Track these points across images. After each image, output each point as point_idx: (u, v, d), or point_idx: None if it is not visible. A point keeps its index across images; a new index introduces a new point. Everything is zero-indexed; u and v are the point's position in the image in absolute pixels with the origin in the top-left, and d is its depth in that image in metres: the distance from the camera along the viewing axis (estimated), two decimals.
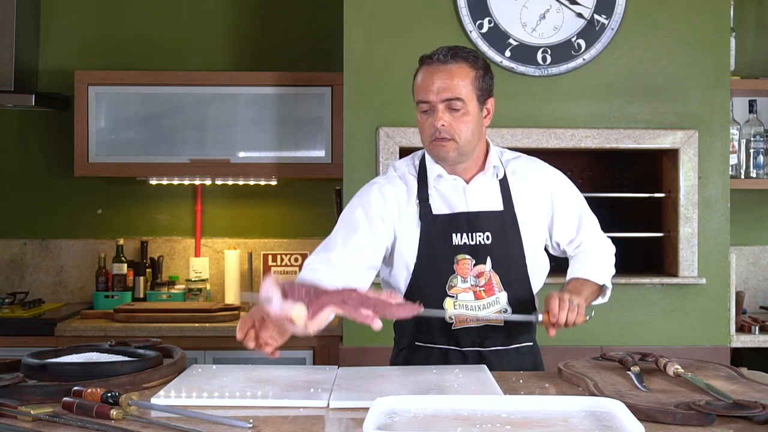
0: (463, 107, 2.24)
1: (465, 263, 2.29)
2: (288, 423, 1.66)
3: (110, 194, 4.25)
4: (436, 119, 2.23)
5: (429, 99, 2.24)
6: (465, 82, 2.25)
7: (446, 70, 2.25)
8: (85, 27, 4.25)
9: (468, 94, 2.24)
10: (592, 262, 2.40)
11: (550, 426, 1.51)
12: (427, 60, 2.30)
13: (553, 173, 2.43)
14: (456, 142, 2.25)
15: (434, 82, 2.24)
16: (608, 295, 2.44)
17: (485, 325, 2.31)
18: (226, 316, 3.78)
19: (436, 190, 2.34)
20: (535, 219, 2.36)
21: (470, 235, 2.29)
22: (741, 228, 4.06)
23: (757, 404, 1.62)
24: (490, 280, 2.29)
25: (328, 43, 4.12)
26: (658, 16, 3.56)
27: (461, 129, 2.25)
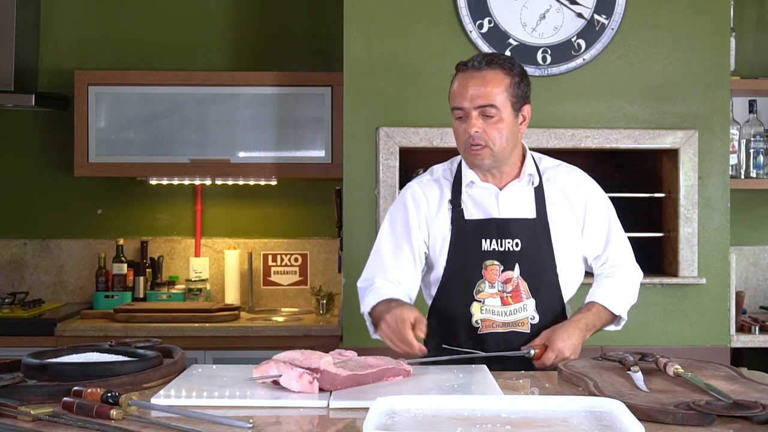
0: (497, 114, 2.25)
1: (493, 269, 2.30)
2: (288, 423, 1.66)
3: (110, 194, 4.25)
4: (470, 126, 2.24)
5: (463, 105, 2.25)
6: (499, 89, 2.25)
7: (480, 76, 2.25)
8: (85, 27, 4.25)
9: (502, 101, 2.25)
10: (615, 288, 2.40)
11: (550, 426, 1.50)
12: (463, 66, 2.30)
13: (589, 184, 2.45)
14: (490, 149, 2.26)
15: (468, 89, 2.25)
16: (622, 324, 2.44)
17: (511, 331, 2.32)
18: (226, 316, 3.78)
19: (469, 195, 2.36)
20: (569, 228, 2.37)
21: (499, 241, 2.31)
22: (741, 228, 4.06)
23: (757, 404, 1.62)
24: (517, 287, 2.31)
25: (328, 43, 4.12)
26: (658, 16, 3.56)
27: (495, 136, 2.26)
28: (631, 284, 2.45)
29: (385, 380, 1.95)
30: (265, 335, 3.67)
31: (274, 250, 4.25)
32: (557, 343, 2.21)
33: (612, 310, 2.36)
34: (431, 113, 3.51)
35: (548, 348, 2.22)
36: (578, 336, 2.26)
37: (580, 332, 2.27)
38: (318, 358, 1.85)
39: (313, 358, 1.85)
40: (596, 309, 2.35)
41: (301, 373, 1.82)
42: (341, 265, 3.76)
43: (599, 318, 2.35)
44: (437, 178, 2.42)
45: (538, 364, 2.23)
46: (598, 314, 2.35)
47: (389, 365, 1.96)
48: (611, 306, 2.36)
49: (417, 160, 3.74)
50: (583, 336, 2.28)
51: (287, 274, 4.23)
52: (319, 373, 1.82)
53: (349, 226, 3.54)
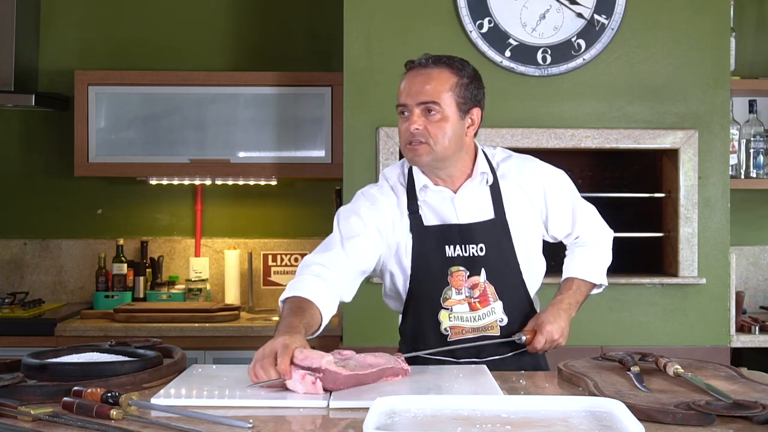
0: (440, 111, 2.20)
1: (459, 275, 2.27)
2: (288, 423, 1.66)
3: (110, 194, 4.25)
4: (411, 122, 2.20)
5: (406, 102, 2.22)
6: (443, 87, 2.21)
7: (425, 74, 2.23)
8: (85, 27, 4.25)
9: (446, 100, 2.21)
10: (588, 257, 2.41)
11: (550, 426, 1.50)
12: (410, 64, 2.29)
13: (544, 171, 2.39)
14: (430, 146, 2.21)
15: (412, 86, 2.22)
16: (602, 288, 2.46)
17: (481, 336, 2.30)
18: (226, 316, 3.78)
19: (424, 201, 2.31)
20: (528, 222, 2.34)
21: (464, 247, 2.27)
22: (741, 228, 4.06)
23: (757, 404, 1.62)
24: (484, 291, 2.28)
25: (328, 43, 4.12)
26: (658, 16, 3.56)
27: (437, 134, 2.20)
28: (603, 248, 2.46)
29: (384, 380, 1.95)
30: (265, 335, 3.66)
31: (274, 250, 4.25)
32: (545, 326, 2.25)
33: (592, 281, 2.39)
34: None
35: (537, 333, 2.25)
36: (564, 317, 2.29)
37: (566, 313, 2.30)
38: (318, 357, 1.85)
39: (314, 358, 1.84)
40: (576, 284, 2.38)
41: (303, 374, 1.82)
42: None
43: (580, 292, 2.38)
44: (393, 185, 2.35)
45: (530, 349, 2.27)
46: (579, 289, 2.37)
47: (388, 364, 1.96)
48: (589, 277, 2.39)
49: None
50: (569, 316, 2.31)
51: (287, 274, 4.23)
52: (322, 372, 1.81)
53: None
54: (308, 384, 1.80)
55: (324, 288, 2.15)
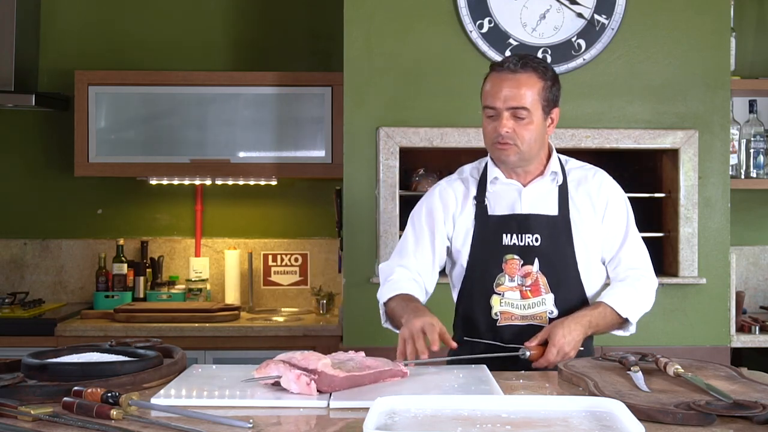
0: (528, 116, 2.31)
1: (513, 263, 2.36)
2: (288, 423, 1.66)
3: (110, 194, 4.25)
4: (501, 125, 2.30)
5: (495, 105, 2.30)
6: (532, 92, 2.31)
7: (515, 78, 2.31)
8: (85, 27, 4.25)
9: (533, 104, 2.31)
10: (624, 292, 2.37)
11: (550, 426, 1.50)
12: (497, 67, 2.35)
13: (612, 185, 2.49)
14: (518, 147, 2.32)
15: (502, 90, 2.30)
16: (630, 330, 2.41)
17: (529, 324, 2.35)
18: (226, 316, 3.78)
19: (493, 192, 2.42)
20: (590, 227, 2.40)
21: (520, 236, 2.36)
22: (741, 228, 4.06)
23: (757, 404, 1.62)
24: (536, 281, 2.35)
25: (328, 43, 4.12)
26: (658, 16, 3.56)
27: (524, 136, 2.32)
28: (643, 290, 2.41)
29: (382, 381, 1.95)
30: (265, 335, 3.67)
31: (274, 250, 4.25)
32: (558, 338, 2.19)
33: (618, 312, 2.33)
34: (431, 113, 3.51)
35: (549, 343, 2.19)
36: (579, 332, 2.23)
37: (582, 328, 2.25)
38: (316, 359, 1.85)
39: (311, 360, 1.85)
40: (602, 308, 2.32)
41: (298, 374, 1.82)
42: (341, 265, 3.76)
43: (604, 318, 2.32)
44: (465, 177, 2.49)
45: (539, 364, 2.20)
46: (603, 314, 2.32)
47: (386, 366, 1.97)
48: (618, 307, 2.33)
49: (417, 160, 3.74)
50: (584, 332, 2.25)
51: (287, 274, 4.23)
52: (317, 374, 1.82)
53: (349, 226, 3.54)
54: (303, 384, 1.81)
55: (415, 285, 2.39)
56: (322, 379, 1.82)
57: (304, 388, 1.81)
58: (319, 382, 1.82)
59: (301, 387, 1.81)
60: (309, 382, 1.81)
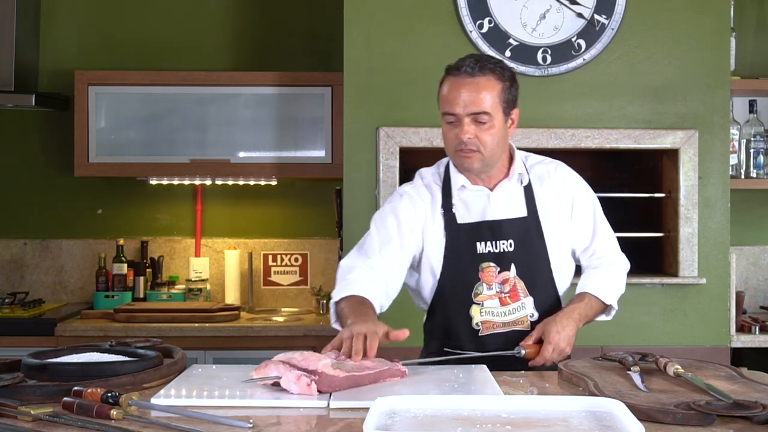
0: (489, 120, 2.25)
1: (490, 271, 2.32)
2: (288, 423, 1.66)
3: (110, 194, 4.25)
4: (463, 132, 2.24)
5: (455, 111, 2.25)
6: (492, 95, 2.25)
7: (474, 83, 2.25)
8: (85, 27, 4.25)
9: (494, 107, 2.26)
10: (603, 278, 2.40)
11: (550, 426, 1.50)
12: (454, 71, 2.28)
13: (575, 178, 2.46)
14: (481, 154, 2.27)
15: (461, 95, 2.24)
16: (613, 314, 2.44)
17: (512, 330, 2.32)
18: (226, 316, 3.78)
19: (460, 199, 2.36)
20: (559, 224, 2.38)
21: (494, 243, 2.32)
22: (741, 228, 4.06)
23: (757, 404, 1.62)
24: (515, 286, 2.32)
25: (328, 43, 4.12)
26: (658, 16, 3.56)
27: (487, 141, 2.26)
28: (619, 274, 2.46)
29: (381, 381, 1.95)
30: (265, 335, 3.67)
31: (274, 250, 4.25)
32: (553, 335, 2.21)
33: (603, 300, 2.37)
34: (431, 113, 3.47)
35: (544, 342, 2.21)
36: (572, 327, 2.26)
37: (574, 323, 2.27)
38: (316, 360, 1.85)
39: (311, 360, 1.85)
40: (588, 299, 2.35)
41: (299, 375, 1.82)
42: None
43: (591, 308, 2.36)
44: (428, 184, 2.41)
45: (537, 362, 2.21)
46: (590, 304, 2.35)
47: (385, 366, 1.96)
48: (602, 295, 2.37)
49: (417, 160, 3.73)
50: (576, 326, 2.28)
51: (287, 274, 4.23)
52: (317, 375, 1.82)
53: (349, 226, 3.54)
54: (303, 385, 1.81)
55: (373, 286, 2.26)
56: (322, 379, 1.82)
57: (304, 389, 1.81)
58: (320, 382, 1.82)
59: (302, 388, 1.81)
60: (309, 383, 1.81)
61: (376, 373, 1.94)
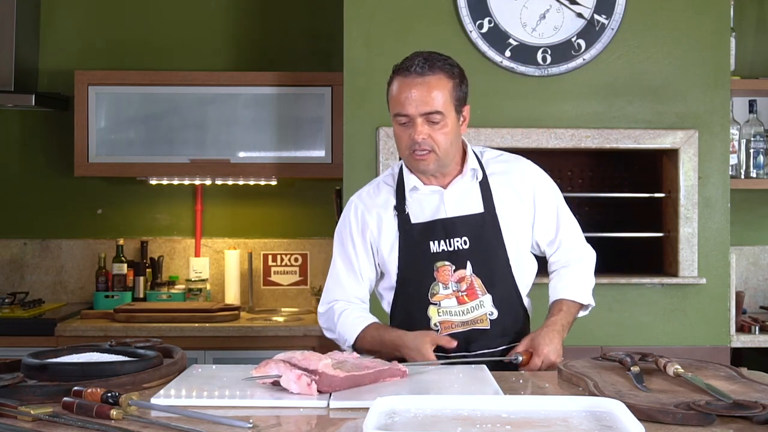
0: (442, 119, 2.22)
1: (445, 270, 2.28)
2: (288, 423, 1.66)
3: (110, 194, 4.25)
4: (416, 133, 2.21)
5: (407, 112, 2.21)
6: (443, 94, 2.22)
7: (424, 82, 2.21)
8: (85, 27, 4.25)
9: (446, 106, 2.22)
10: (576, 278, 2.40)
11: (549, 426, 1.50)
12: (404, 71, 2.25)
13: (534, 171, 2.42)
14: (436, 154, 2.24)
15: (412, 95, 2.21)
16: (589, 310, 2.44)
17: (471, 330, 2.30)
18: (226, 316, 3.78)
19: (413, 199, 2.33)
20: (518, 219, 2.35)
21: (448, 241, 2.29)
22: (741, 228, 4.06)
23: (757, 404, 1.62)
24: (471, 284, 2.28)
25: (328, 43, 4.12)
26: (658, 16, 3.56)
27: (441, 141, 2.23)
28: (588, 269, 2.45)
29: (381, 381, 1.95)
30: (265, 335, 3.67)
31: (274, 250, 4.25)
32: (542, 348, 2.22)
33: (580, 302, 2.38)
34: None
35: (534, 354, 2.22)
36: (558, 339, 2.27)
37: (559, 335, 2.28)
38: (317, 360, 1.85)
39: (312, 360, 1.85)
40: (566, 307, 2.36)
41: (299, 374, 1.82)
42: None
43: (571, 313, 2.36)
44: (378, 185, 2.42)
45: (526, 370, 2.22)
46: (570, 311, 2.36)
47: (385, 366, 1.96)
48: (578, 298, 2.37)
49: None
50: (562, 337, 2.29)
51: (287, 274, 4.24)
52: (318, 375, 1.82)
53: None
54: (303, 385, 1.80)
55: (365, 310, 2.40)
56: (322, 379, 1.82)
57: (304, 389, 1.80)
58: (320, 382, 1.82)
59: (302, 387, 1.81)
60: (310, 383, 1.81)
61: (376, 372, 1.94)
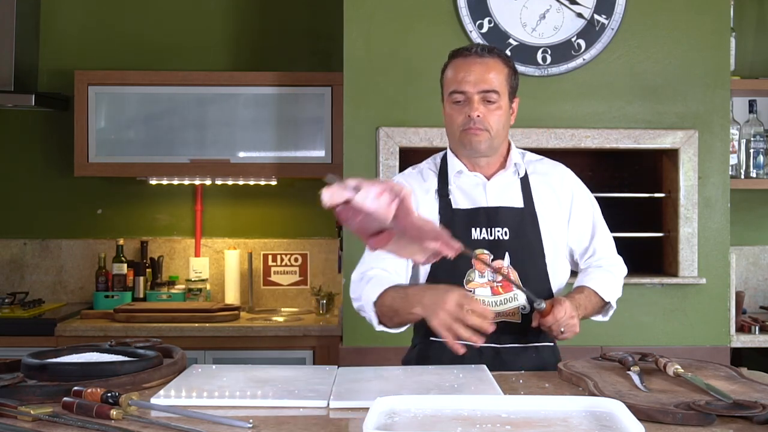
0: (498, 100, 2.26)
1: (483, 258, 2.26)
2: (288, 423, 1.66)
3: (110, 194, 4.25)
4: (473, 109, 2.24)
5: (465, 89, 2.25)
6: (500, 77, 2.27)
7: (483, 62, 2.27)
8: (85, 27, 4.25)
9: (502, 89, 2.28)
10: (603, 276, 2.39)
11: (549, 426, 1.50)
12: (464, 52, 2.30)
13: (574, 178, 2.45)
14: (489, 133, 2.27)
15: (471, 74, 2.25)
16: (610, 314, 2.41)
17: (501, 322, 2.25)
18: (226, 316, 3.78)
19: (456, 185, 2.35)
20: (555, 218, 2.36)
21: (489, 230, 2.29)
22: (741, 228, 4.06)
23: (757, 404, 1.62)
24: (508, 276, 2.26)
25: (328, 43, 4.12)
26: (658, 16, 3.56)
27: (494, 121, 2.27)
28: (618, 276, 2.44)
29: (426, 244, 1.77)
30: (265, 335, 3.67)
31: (274, 250, 4.25)
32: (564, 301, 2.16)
33: (602, 296, 2.34)
34: (431, 113, 3.50)
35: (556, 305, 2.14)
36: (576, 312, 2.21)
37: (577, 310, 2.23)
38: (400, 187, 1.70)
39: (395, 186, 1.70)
40: (587, 292, 2.33)
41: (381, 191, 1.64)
42: (341, 265, 3.76)
43: (590, 301, 2.32)
44: (421, 170, 2.43)
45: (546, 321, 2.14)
46: (589, 297, 2.32)
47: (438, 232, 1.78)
48: (601, 292, 2.34)
49: (417, 160, 3.73)
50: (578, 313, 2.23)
51: (287, 274, 4.24)
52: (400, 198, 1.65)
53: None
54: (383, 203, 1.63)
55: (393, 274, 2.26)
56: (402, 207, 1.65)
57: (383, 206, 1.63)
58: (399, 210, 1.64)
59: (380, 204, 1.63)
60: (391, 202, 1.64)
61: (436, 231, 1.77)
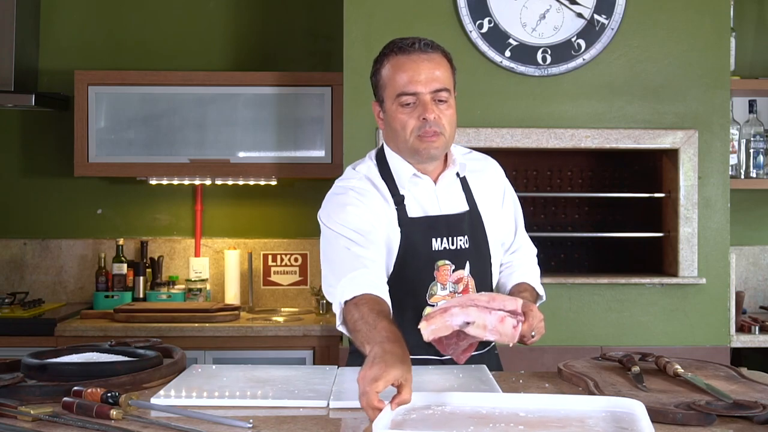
0: (449, 99, 2.07)
1: (445, 269, 2.12)
2: (288, 423, 1.66)
3: (110, 194, 4.25)
4: (428, 111, 2.03)
5: (416, 90, 2.03)
6: (447, 73, 2.08)
7: (430, 59, 2.06)
8: (85, 27, 4.25)
9: (450, 86, 2.09)
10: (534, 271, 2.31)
11: (565, 426, 1.49)
12: (404, 50, 2.06)
13: (502, 173, 2.32)
14: (444, 137, 2.07)
15: (420, 72, 2.03)
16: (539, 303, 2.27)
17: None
18: (226, 316, 3.78)
19: (408, 191, 2.14)
20: (495, 218, 2.24)
21: (450, 240, 2.12)
22: (741, 228, 4.06)
23: (757, 404, 1.62)
24: (467, 286, 2.14)
25: (328, 43, 4.12)
26: (658, 16, 3.56)
27: (448, 122, 2.07)
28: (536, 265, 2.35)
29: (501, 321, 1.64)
30: (265, 335, 3.67)
31: (274, 250, 4.25)
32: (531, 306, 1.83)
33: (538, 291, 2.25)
34: None
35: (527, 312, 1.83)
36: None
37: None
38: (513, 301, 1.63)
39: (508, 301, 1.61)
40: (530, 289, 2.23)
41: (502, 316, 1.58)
42: None
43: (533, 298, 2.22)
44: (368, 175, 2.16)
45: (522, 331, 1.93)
46: (532, 294, 2.22)
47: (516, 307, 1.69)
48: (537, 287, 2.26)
49: None
50: None
51: (287, 274, 4.23)
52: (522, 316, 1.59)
53: None
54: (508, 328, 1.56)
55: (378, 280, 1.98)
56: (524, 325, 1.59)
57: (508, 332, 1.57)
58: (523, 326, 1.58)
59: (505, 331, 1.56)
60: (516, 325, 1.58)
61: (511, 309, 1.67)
